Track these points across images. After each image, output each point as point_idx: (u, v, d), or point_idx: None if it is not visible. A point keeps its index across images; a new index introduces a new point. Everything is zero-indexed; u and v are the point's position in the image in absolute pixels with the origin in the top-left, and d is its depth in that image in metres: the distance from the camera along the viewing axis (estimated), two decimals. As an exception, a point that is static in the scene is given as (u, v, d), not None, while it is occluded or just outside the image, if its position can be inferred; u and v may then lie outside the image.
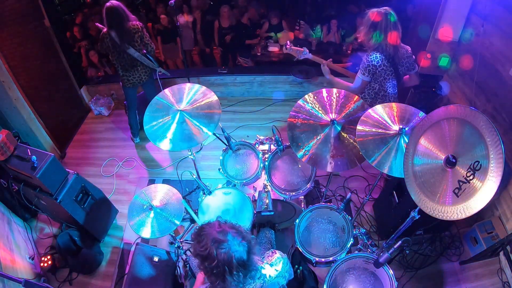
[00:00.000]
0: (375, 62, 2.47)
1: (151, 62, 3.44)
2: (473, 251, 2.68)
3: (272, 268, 1.48)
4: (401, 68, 2.58)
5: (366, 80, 2.56)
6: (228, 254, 1.26)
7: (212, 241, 1.28)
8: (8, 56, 3.31)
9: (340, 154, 2.14)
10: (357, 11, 4.84)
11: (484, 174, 1.37)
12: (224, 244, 1.27)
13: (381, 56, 2.46)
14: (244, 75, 4.61)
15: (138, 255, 2.54)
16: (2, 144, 2.35)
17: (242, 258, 1.28)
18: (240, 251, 1.29)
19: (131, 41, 3.23)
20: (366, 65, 2.49)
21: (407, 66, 2.60)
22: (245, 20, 5.02)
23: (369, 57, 2.48)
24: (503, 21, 2.63)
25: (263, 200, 2.35)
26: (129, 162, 3.87)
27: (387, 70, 2.53)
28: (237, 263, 1.27)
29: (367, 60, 2.48)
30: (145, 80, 3.59)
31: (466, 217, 1.42)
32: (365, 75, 2.53)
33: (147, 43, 3.35)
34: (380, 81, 2.59)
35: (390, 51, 2.47)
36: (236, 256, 1.27)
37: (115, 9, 3.05)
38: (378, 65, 2.48)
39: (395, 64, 2.53)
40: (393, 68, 2.53)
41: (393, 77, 2.59)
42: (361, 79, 2.56)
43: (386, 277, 1.90)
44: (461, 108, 1.50)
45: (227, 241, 1.28)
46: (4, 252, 2.44)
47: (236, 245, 1.29)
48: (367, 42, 2.52)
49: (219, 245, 1.27)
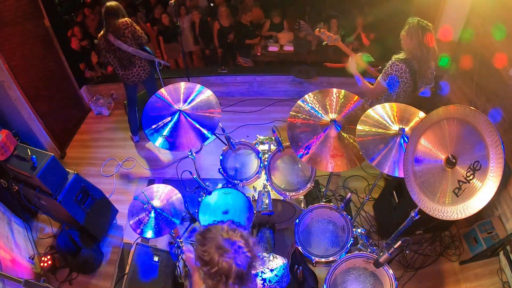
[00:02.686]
0: (398, 73, 2.44)
1: (148, 53, 3.45)
2: (473, 251, 2.68)
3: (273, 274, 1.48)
4: (420, 83, 2.55)
5: (386, 87, 2.53)
6: (229, 264, 1.21)
7: (216, 247, 1.23)
8: (8, 55, 3.31)
9: (340, 154, 2.14)
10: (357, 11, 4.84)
11: (484, 174, 1.37)
12: (228, 254, 1.22)
13: (406, 69, 2.42)
14: (244, 75, 4.61)
15: (138, 255, 2.54)
16: (2, 144, 2.35)
17: (242, 270, 1.23)
18: (242, 263, 1.23)
19: (121, 36, 3.26)
20: (389, 71, 2.46)
21: (426, 82, 2.57)
22: (246, 20, 5.01)
23: (394, 65, 2.44)
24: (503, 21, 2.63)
25: (263, 200, 2.35)
26: (129, 162, 3.87)
27: (407, 83, 2.49)
28: (235, 274, 1.22)
29: (391, 67, 2.45)
30: (144, 78, 3.60)
31: (466, 217, 1.42)
32: (386, 80, 2.49)
33: (139, 37, 3.37)
34: (396, 90, 2.56)
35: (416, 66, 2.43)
36: (237, 268, 1.22)
37: (109, 8, 3.16)
38: (400, 76, 2.45)
39: (416, 79, 2.49)
40: (413, 82, 2.50)
41: (410, 90, 2.56)
42: (381, 84, 2.53)
43: (386, 277, 1.90)
44: (461, 108, 1.50)
45: (232, 251, 1.23)
46: (4, 252, 2.44)
47: (240, 257, 1.23)
48: (404, 45, 2.45)
49: (222, 253, 1.22)
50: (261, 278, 1.43)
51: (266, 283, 1.44)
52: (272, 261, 1.53)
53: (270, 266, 1.50)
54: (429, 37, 2.34)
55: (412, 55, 2.41)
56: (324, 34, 2.72)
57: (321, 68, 4.60)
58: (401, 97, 2.58)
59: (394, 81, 2.48)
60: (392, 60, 2.47)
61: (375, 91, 2.59)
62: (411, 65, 2.43)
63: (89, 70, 4.97)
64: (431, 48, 2.37)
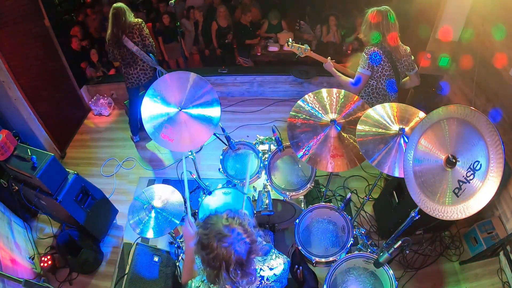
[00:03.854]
0: (373, 56, 2.49)
1: (150, 59, 3.50)
2: (473, 251, 2.68)
3: (272, 272, 1.48)
4: (399, 66, 2.59)
5: (366, 74, 2.56)
6: (228, 250, 1.24)
7: (216, 233, 1.26)
8: (8, 56, 3.31)
9: (340, 154, 2.14)
10: (357, 11, 4.84)
11: (484, 174, 1.37)
12: (227, 239, 1.25)
13: (379, 50, 2.48)
14: (244, 75, 4.61)
15: (138, 255, 2.54)
16: (2, 144, 2.35)
17: (241, 257, 1.26)
18: (241, 249, 1.26)
19: (129, 33, 3.32)
20: (366, 58, 2.51)
21: (406, 66, 2.60)
22: (246, 20, 5.01)
23: (368, 50, 2.50)
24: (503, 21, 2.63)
25: (263, 200, 2.35)
26: (129, 162, 3.87)
27: (385, 66, 2.54)
28: (235, 260, 1.24)
29: (366, 53, 2.51)
30: (144, 82, 3.62)
31: (466, 217, 1.42)
32: (365, 68, 2.54)
33: (146, 36, 3.44)
34: (377, 78, 2.60)
35: (388, 48, 2.49)
36: (236, 254, 1.25)
37: (119, 11, 3.24)
38: (377, 58, 2.49)
39: (393, 61, 2.54)
40: (391, 64, 2.54)
41: (392, 76, 2.59)
42: (361, 72, 2.57)
43: (386, 277, 1.90)
44: (461, 108, 1.50)
45: (231, 237, 1.26)
46: (4, 252, 2.44)
47: (239, 243, 1.26)
48: (366, 41, 2.56)
49: (221, 239, 1.25)
50: (259, 276, 1.43)
51: (263, 281, 1.44)
52: (273, 259, 1.53)
53: (270, 265, 1.50)
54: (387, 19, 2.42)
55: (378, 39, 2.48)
56: (294, 47, 2.75)
57: (321, 68, 4.58)
58: (382, 83, 2.62)
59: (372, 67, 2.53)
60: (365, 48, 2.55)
61: (356, 81, 2.61)
62: (383, 47, 2.49)
63: (90, 67, 4.96)
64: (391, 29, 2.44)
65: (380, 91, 2.66)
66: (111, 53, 3.47)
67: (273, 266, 1.50)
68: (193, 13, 5.18)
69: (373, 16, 2.45)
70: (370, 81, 2.63)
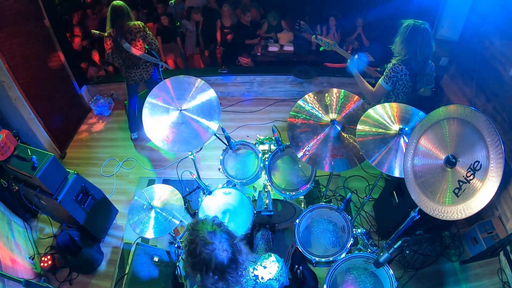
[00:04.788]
0: (399, 75, 2.43)
1: (154, 57, 3.50)
2: (473, 251, 2.68)
3: (266, 271, 1.48)
4: (419, 84, 2.55)
5: (387, 89, 2.51)
6: (210, 256, 1.29)
7: (200, 239, 1.32)
8: (8, 56, 3.31)
9: (340, 154, 2.14)
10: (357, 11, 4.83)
11: (484, 174, 1.37)
12: (210, 246, 1.30)
13: (406, 71, 2.42)
14: (244, 75, 4.61)
15: (138, 255, 2.54)
16: (2, 144, 2.35)
17: (222, 263, 1.31)
18: (222, 256, 1.31)
19: (131, 39, 3.29)
20: (391, 74, 2.44)
21: (425, 82, 2.58)
22: (246, 20, 5.01)
23: (395, 67, 2.43)
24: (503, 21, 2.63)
25: (263, 200, 2.35)
26: (129, 162, 3.87)
27: (406, 85, 2.50)
28: (215, 266, 1.29)
29: (392, 70, 2.44)
30: (146, 78, 3.64)
31: (466, 217, 1.42)
32: (388, 83, 2.48)
33: (151, 42, 3.42)
34: (398, 94, 2.57)
35: (415, 67, 2.43)
36: (217, 260, 1.30)
37: (118, 8, 3.17)
38: (401, 78, 2.45)
39: (415, 81, 2.50)
40: (412, 83, 2.50)
41: (410, 91, 2.55)
42: (383, 86, 2.51)
43: (386, 277, 1.90)
44: (461, 108, 1.50)
45: (213, 244, 1.31)
46: (4, 252, 2.44)
47: (221, 250, 1.31)
48: (399, 52, 2.46)
49: (205, 245, 1.30)
50: (254, 275, 1.44)
51: (258, 280, 1.44)
52: (267, 259, 1.54)
53: (263, 264, 1.51)
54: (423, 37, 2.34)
55: (409, 56, 2.40)
56: (321, 41, 2.72)
57: (321, 68, 4.60)
58: (400, 98, 2.58)
59: (395, 83, 2.48)
60: (392, 62, 2.47)
61: (376, 94, 2.58)
62: (410, 67, 2.43)
63: (92, 66, 4.96)
64: (425, 49, 2.37)
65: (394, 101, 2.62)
66: (111, 57, 3.39)
67: (267, 265, 1.51)
68: (193, 14, 5.18)
69: (408, 29, 2.34)
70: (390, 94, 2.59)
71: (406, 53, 2.40)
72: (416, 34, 2.33)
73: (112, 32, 3.24)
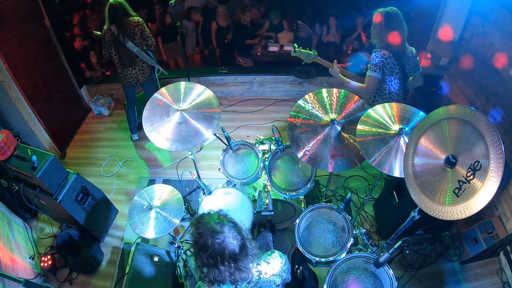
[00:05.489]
0: (383, 59, 2.48)
1: (150, 58, 3.48)
2: (473, 251, 2.67)
3: (269, 266, 1.49)
4: (407, 67, 2.59)
5: (377, 77, 2.55)
6: (222, 245, 1.31)
7: (208, 230, 1.33)
8: (8, 56, 3.31)
9: (340, 154, 2.14)
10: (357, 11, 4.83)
11: (484, 174, 1.37)
12: (220, 235, 1.32)
13: (388, 53, 2.48)
14: (244, 75, 4.61)
15: (138, 255, 2.54)
16: (2, 144, 2.35)
17: (234, 251, 1.33)
18: (233, 244, 1.34)
19: (130, 34, 3.30)
20: (376, 61, 2.50)
21: (412, 67, 2.60)
22: (246, 20, 5.01)
23: (377, 54, 2.49)
24: (503, 21, 2.63)
25: (263, 200, 2.35)
26: (129, 162, 3.87)
27: (394, 68, 2.53)
28: (228, 255, 1.32)
29: (375, 56, 2.50)
30: (142, 81, 3.62)
31: (466, 217, 1.42)
32: (376, 71, 2.53)
33: (147, 37, 3.42)
34: (393, 81, 2.59)
35: (396, 49, 2.49)
36: (229, 248, 1.32)
37: (116, 5, 3.19)
38: (386, 62, 2.49)
39: (401, 63, 2.54)
40: (400, 66, 2.54)
41: (399, 76, 2.59)
42: (372, 76, 2.55)
43: (386, 277, 1.90)
44: (461, 108, 1.50)
45: (223, 232, 1.33)
46: (4, 252, 2.44)
47: (231, 238, 1.34)
48: (374, 42, 2.56)
49: (214, 235, 1.32)
50: (257, 270, 1.44)
51: (261, 275, 1.44)
52: (270, 255, 1.55)
53: (267, 259, 1.51)
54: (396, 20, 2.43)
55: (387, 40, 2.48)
56: (301, 53, 2.74)
57: (321, 68, 4.59)
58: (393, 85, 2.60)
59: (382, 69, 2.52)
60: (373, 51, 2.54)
61: (369, 86, 2.60)
62: (391, 48, 2.48)
63: (88, 70, 4.96)
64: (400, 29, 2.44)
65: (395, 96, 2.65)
66: (107, 52, 3.38)
67: (270, 261, 1.51)
68: (193, 14, 5.17)
69: (377, 17, 2.46)
70: (386, 84, 2.61)
71: (385, 39, 2.48)
72: (389, 19, 2.43)
73: (112, 28, 3.24)
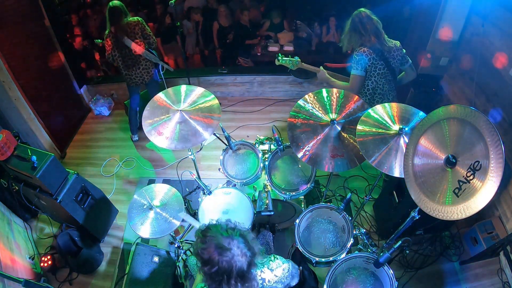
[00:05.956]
0: (364, 56, 2.49)
1: (153, 56, 3.49)
2: (473, 251, 2.67)
3: (272, 274, 1.48)
4: (393, 61, 2.59)
5: (360, 75, 2.57)
6: (230, 263, 1.23)
7: (216, 246, 1.24)
8: (8, 56, 3.30)
9: (340, 154, 2.14)
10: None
11: (484, 174, 1.37)
12: (228, 253, 1.23)
13: (368, 50, 2.49)
14: (244, 75, 4.61)
15: (138, 255, 2.54)
16: (2, 144, 2.35)
17: (242, 269, 1.25)
18: (242, 261, 1.25)
19: (131, 33, 3.31)
20: (357, 59, 2.52)
21: (399, 60, 2.61)
22: (244, 19, 5.00)
23: (357, 52, 2.52)
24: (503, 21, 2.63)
25: (263, 200, 2.35)
26: (129, 162, 3.87)
27: (378, 64, 2.54)
28: (236, 273, 1.24)
29: (356, 55, 2.53)
30: (147, 80, 3.63)
31: (466, 217, 1.42)
32: (358, 69, 2.54)
33: (149, 35, 3.43)
34: (374, 78, 2.61)
35: (374, 45, 2.50)
36: (238, 266, 1.24)
37: (115, 7, 3.21)
38: (368, 58, 2.50)
39: (385, 58, 2.54)
40: (383, 61, 2.54)
41: (387, 72, 2.60)
42: (355, 74, 2.57)
43: (386, 277, 1.90)
44: (461, 108, 1.50)
45: (231, 250, 1.24)
46: (4, 252, 2.44)
47: (240, 255, 1.25)
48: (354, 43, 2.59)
49: (222, 252, 1.23)
50: (260, 278, 1.43)
51: (265, 283, 1.44)
52: (273, 261, 1.53)
53: (270, 267, 1.50)
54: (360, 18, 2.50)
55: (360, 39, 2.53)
56: (285, 61, 2.77)
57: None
58: (380, 83, 2.62)
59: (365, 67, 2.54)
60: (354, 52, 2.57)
61: (353, 85, 2.62)
62: (371, 44, 2.50)
63: (89, 69, 4.96)
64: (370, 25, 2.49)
65: (379, 91, 2.66)
66: (111, 56, 3.39)
67: (273, 268, 1.50)
68: (193, 14, 5.17)
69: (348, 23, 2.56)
70: (367, 81, 2.63)
71: (357, 39, 2.53)
72: (354, 20, 2.52)
73: (112, 30, 3.26)
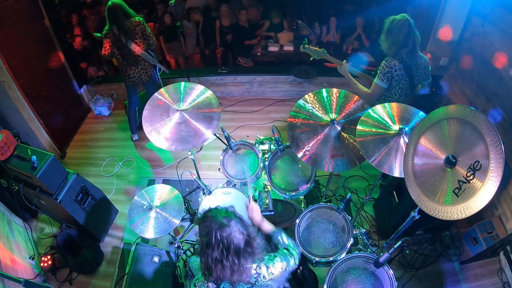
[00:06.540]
0: (393, 70, 2.39)
1: (152, 57, 3.49)
2: (473, 251, 2.68)
3: (269, 271, 1.48)
4: (416, 78, 2.49)
5: (383, 87, 2.45)
6: (228, 238, 1.31)
7: (215, 223, 1.34)
8: (8, 56, 3.31)
9: (340, 154, 2.14)
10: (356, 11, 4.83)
11: (484, 174, 1.37)
12: (226, 228, 1.33)
13: (399, 65, 2.38)
14: (244, 75, 4.61)
15: (138, 255, 2.54)
16: (2, 144, 2.35)
17: (239, 245, 1.34)
18: (239, 238, 1.34)
19: (131, 33, 3.30)
20: (386, 70, 2.40)
21: (421, 77, 2.51)
22: (243, 20, 5.00)
23: (388, 63, 2.39)
24: (503, 21, 2.63)
25: (263, 200, 2.35)
26: (129, 162, 3.87)
27: (403, 79, 2.44)
28: (234, 249, 1.32)
29: (386, 66, 2.40)
30: (145, 80, 3.63)
31: (466, 217, 1.42)
32: (384, 81, 2.42)
33: (148, 36, 3.43)
34: (394, 90, 2.51)
35: (408, 60, 2.39)
36: (235, 242, 1.32)
37: (116, 6, 3.19)
38: (396, 73, 2.40)
39: (411, 74, 2.44)
40: (408, 78, 2.45)
41: (407, 87, 2.50)
42: (379, 85, 2.45)
43: (386, 277, 1.90)
44: (461, 108, 1.50)
45: (230, 226, 1.34)
46: (4, 252, 2.44)
47: (237, 232, 1.34)
48: (386, 50, 2.45)
49: (221, 228, 1.32)
50: (256, 272, 1.44)
51: (259, 277, 1.44)
52: (272, 259, 1.54)
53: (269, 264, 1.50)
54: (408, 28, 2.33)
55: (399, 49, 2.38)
56: (310, 50, 2.70)
57: (321, 68, 4.60)
58: (397, 95, 2.53)
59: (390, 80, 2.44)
60: (384, 60, 2.45)
61: (373, 94, 2.52)
62: (403, 60, 2.39)
63: (91, 66, 4.95)
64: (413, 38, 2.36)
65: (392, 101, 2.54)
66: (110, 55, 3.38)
67: (271, 266, 1.50)
68: (193, 14, 5.17)
69: (393, 24, 2.35)
70: (387, 93, 2.53)
71: (396, 48, 2.39)
72: (401, 26, 2.34)
73: (114, 31, 3.24)
